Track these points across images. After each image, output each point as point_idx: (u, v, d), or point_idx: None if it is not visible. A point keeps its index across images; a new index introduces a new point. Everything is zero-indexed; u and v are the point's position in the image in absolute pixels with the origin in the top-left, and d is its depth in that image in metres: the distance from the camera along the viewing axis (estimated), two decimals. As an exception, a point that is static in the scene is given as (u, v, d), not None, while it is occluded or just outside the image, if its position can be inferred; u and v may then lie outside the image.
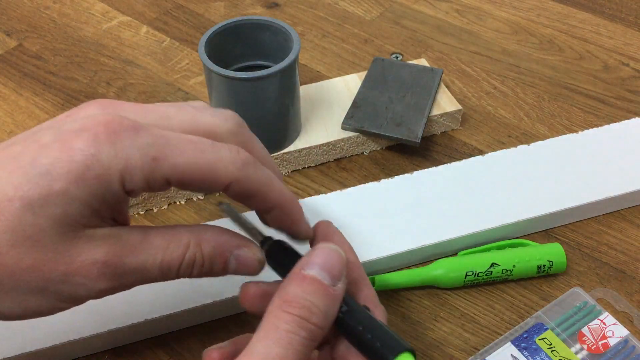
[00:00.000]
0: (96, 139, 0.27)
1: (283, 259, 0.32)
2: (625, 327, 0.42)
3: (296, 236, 0.34)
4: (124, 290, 0.30)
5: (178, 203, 0.51)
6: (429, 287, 0.45)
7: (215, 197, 0.52)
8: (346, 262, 0.30)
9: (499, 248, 0.46)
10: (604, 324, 0.42)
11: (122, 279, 0.29)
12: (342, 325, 0.30)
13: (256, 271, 0.33)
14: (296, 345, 0.28)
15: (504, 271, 0.44)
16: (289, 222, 0.33)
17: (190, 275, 0.31)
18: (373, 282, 0.44)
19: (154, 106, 0.31)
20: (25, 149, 0.28)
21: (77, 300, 0.29)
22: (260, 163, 0.31)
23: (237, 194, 0.31)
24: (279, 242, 0.33)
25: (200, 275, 0.31)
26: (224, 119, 0.32)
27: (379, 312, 0.32)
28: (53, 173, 0.27)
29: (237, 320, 0.44)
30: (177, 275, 0.31)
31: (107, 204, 0.28)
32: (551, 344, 0.41)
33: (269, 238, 0.33)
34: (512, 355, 0.41)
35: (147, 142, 0.28)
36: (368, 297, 0.33)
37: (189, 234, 0.31)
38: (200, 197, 0.52)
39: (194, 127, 0.31)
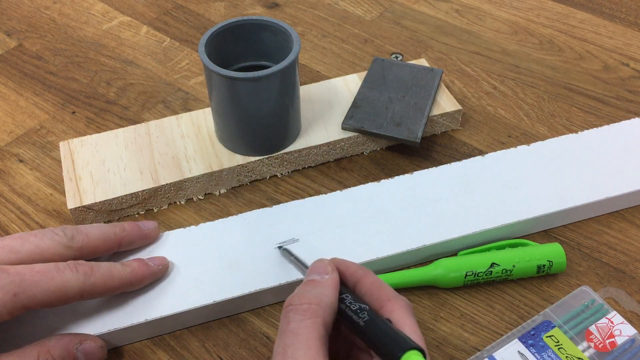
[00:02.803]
0: None
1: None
2: (633, 326, 0.42)
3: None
4: None
5: (178, 203, 0.51)
6: (429, 287, 0.45)
7: (215, 197, 0.52)
8: (329, 263, 0.36)
9: (499, 248, 0.46)
10: (612, 322, 0.42)
11: None
12: (354, 325, 0.33)
13: (102, 357, 0.40)
14: (304, 328, 0.32)
15: (504, 271, 0.44)
16: (139, 286, 0.42)
17: None
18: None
19: (1, 242, 0.38)
20: None
21: None
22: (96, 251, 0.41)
23: (90, 298, 0.39)
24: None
25: None
26: (59, 239, 0.39)
27: (398, 306, 0.34)
28: None
29: (237, 320, 0.44)
30: None
31: None
32: (558, 342, 0.41)
33: None
34: (519, 352, 0.41)
35: (7, 282, 0.35)
36: (372, 283, 0.36)
37: (37, 346, 0.37)
38: (200, 197, 0.52)
39: (38, 254, 0.38)
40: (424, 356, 0.30)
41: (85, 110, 0.59)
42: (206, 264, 0.44)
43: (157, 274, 0.43)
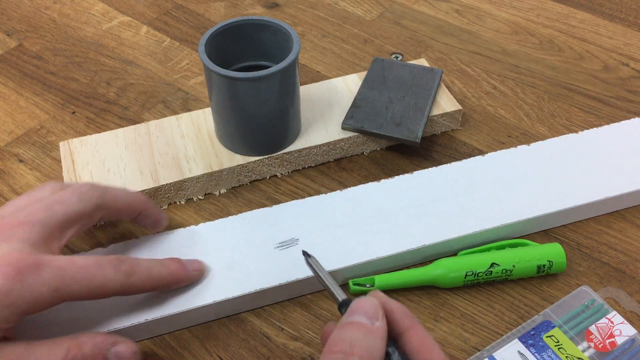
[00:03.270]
0: (7, 277, 0.34)
1: None
2: (633, 326, 0.42)
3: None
4: None
5: (178, 203, 0.51)
6: (429, 287, 0.45)
7: (215, 197, 0.52)
8: (380, 306, 0.34)
9: (499, 248, 0.46)
10: (612, 322, 0.42)
11: None
12: None
13: None
14: None
15: (504, 271, 0.44)
16: (175, 287, 0.43)
17: None
18: (373, 282, 0.44)
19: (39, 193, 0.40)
20: None
21: None
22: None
23: (127, 295, 0.39)
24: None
25: None
26: (83, 198, 0.40)
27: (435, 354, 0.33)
28: None
29: (237, 320, 0.44)
30: None
31: (6, 327, 0.34)
32: (558, 342, 0.41)
33: (348, 300, 0.36)
34: (519, 351, 0.41)
35: (50, 278, 0.35)
36: (422, 342, 0.34)
37: (68, 339, 0.37)
38: (200, 197, 0.52)
39: (68, 218, 0.39)
40: None
41: (85, 110, 0.59)
42: (206, 264, 0.44)
43: (193, 279, 0.43)
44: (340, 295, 0.37)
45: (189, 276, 0.43)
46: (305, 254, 0.41)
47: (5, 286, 0.33)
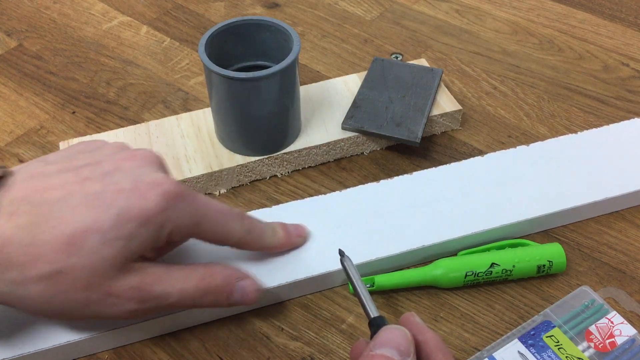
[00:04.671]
0: (166, 196, 0.35)
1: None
2: (633, 326, 0.42)
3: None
4: (150, 314, 0.37)
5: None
6: (429, 287, 0.45)
7: (215, 197, 0.52)
8: (412, 341, 0.33)
9: (499, 248, 0.46)
10: (612, 322, 0.42)
11: (147, 303, 0.36)
12: None
13: (255, 300, 0.40)
14: None
15: (504, 271, 0.44)
16: (278, 251, 0.44)
17: (202, 302, 0.38)
18: (373, 282, 0.44)
19: None
20: (104, 189, 0.35)
21: (109, 317, 0.36)
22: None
23: (237, 248, 0.42)
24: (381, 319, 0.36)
25: (211, 303, 0.39)
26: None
27: None
28: (128, 215, 0.34)
29: (237, 320, 0.44)
30: (193, 301, 0.38)
31: (152, 247, 0.36)
32: (558, 342, 0.41)
33: (379, 319, 0.36)
34: (519, 352, 0.41)
35: (195, 210, 0.37)
36: None
37: (203, 267, 0.39)
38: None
39: None
40: None
41: (85, 110, 0.59)
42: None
43: (296, 245, 0.45)
44: (372, 312, 0.36)
45: (292, 242, 0.44)
46: (340, 252, 0.41)
47: (163, 203, 0.35)
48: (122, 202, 0.34)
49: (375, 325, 0.35)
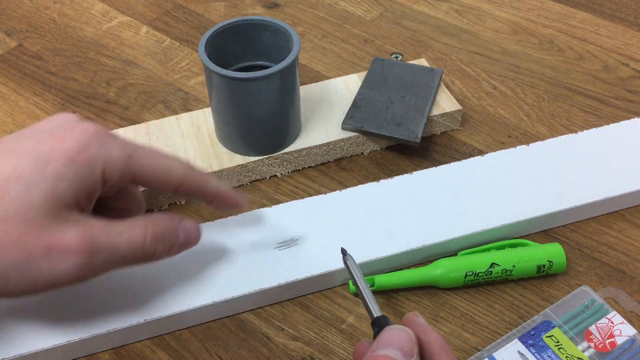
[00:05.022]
0: (86, 133, 0.34)
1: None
2: (633, 326, 0.42)
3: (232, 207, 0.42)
4: (97, 273, 0.34)
5: (178, 203, 0.51)
6: (429, 287, 0.45)
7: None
8: (416, 341, 0.32)
9: (499, 248, 0.46)
10: (612, 322, 0.42)
11: (96, 256, 0.33)
12: None
13: (198, 237, 0.39)
14: None
15: (504, 271, 0.44)
16: (221, 205, 0.41)
17: (155, 252, 0.36)
18: (373, 282, 0.44)
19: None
20: (21, 142, 0.33)
21: (53, 281, 0.33)
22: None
23: (184, 193, 0.39)
24: (384, 318, 0.36)
25: (163, 250, 0.37)
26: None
27: None
28: (48, 157, 0.32)
29: (237, 320, 0.44)
30: (144, 251, 0.36)
31: (86, 191, 0.34)
32: (558, 342, 0.41)
33: (381, 318, 0.35)
34: (519, 352, 0.41)
35: (125, 143, 0.35)
36: None
37: (144, 218, 0.37)
38: (200, 197, 0.52)
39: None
40: None
41: (85, 110, 0.59)
42: (206, 264, 0.44)
43: (237, 205, 0.42)
44: (375, 311, 0.36)
45: (235, 198, 0.41)
46: (343, 251, 0.40)
47: (84, 140, 0.33)
48: (41, 147, 0.33)
49: (378, 324, 0.35)
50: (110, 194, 0.38)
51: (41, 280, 0.32)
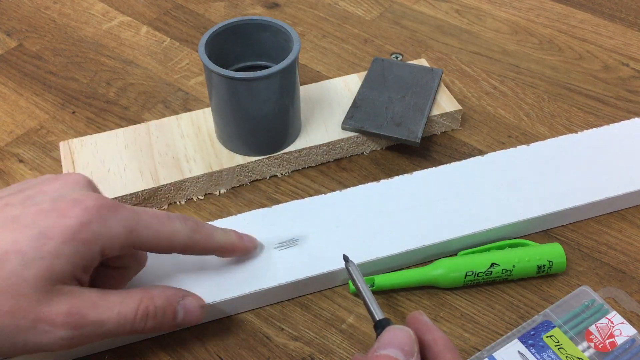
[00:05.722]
0: (88, 211, 0.34)
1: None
2: (633, 326, 0.42)
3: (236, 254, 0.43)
4: (84, 343, 0.35)
5: (178, 203, 0.51)
6: (429, 287, 0.45)
7: (215, 197, 0.52)
8: (416, 340, 0.32)
9: (499, 248, 0.46)
10: (612, 322, 0.42)
11: (82, 330, 0.34)
12: None
13: (200, 318, 0.39)
14: None
15: (504, 271, 0.44)
16: (229, 255, 0.43)
17: (144, 328, 0.36)
18: (373, 282, 0.44)
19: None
20: (24, 212, 0.34)
21: (41, 348, 0.34)
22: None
23: (189, 253, 0.39)
24: (386, 320, 0.36)
25: (154, 327, 0.37)
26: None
27: None
28: (49, 234, 0.33)
29: (237, 320, 0.44)
30: (132, 327, 0.36)
31: (83, 267, 0.34)
32: (558, 342, 0.41)
33: (384, 320, 0.35)
34: (519, 352, 0.41)
35: (126, 217, 0.35)
36: None
37: (141, 291, 0.37)
38: (200, 197, 0.52)
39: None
40: None
41: (85, 110, 0.59)
42: (206, 264, 0.44)
43: (248, 250, 0.44)
44: (378, 314, 0.36)
45: (244, 246, 0.43)
46: (345, 258, 0.41)
47: (85, 218, 0.33)
48: (42, 222, 0.33)
49: (381, 327, 0.35)
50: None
51: (29, 348, 0.33)
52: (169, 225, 0.37)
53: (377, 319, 0.36)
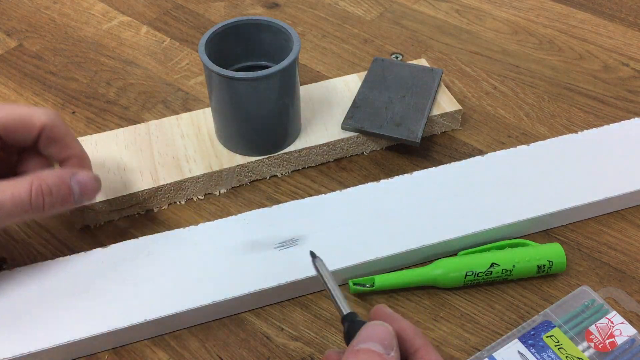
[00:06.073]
0: None
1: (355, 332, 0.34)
2: (633, 326, 0.42)
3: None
4: None
5: (178, 203, 0.51)
6: (429, 287, 0.45)
7: (215, 197, 0.52)
8: (395, 335, 0.32)
9: (499, 248, 0.46)
10: (612, 322, 0.42)
11: None
12: None
13: (97, 189, 0.40)
14: None
15: (504, 271, 0.44)
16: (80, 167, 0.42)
17: (43, 206, 0.37)
18: (373, 282, 0.44)
19: None
20: None
21: None
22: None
23: (48, 139, 0.39)
24: (353, 315, 0.35)
25: (53, 204, 0.38)
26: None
27: None
28: None
29: (237, 320, 0.44)
30: (31, 206, 0.37)
31: None
32: (558, 342, 0.41)
33: (351, 314, 0.35)
34: (519, 352, 0.41)
35: None
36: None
37: (32, 174, 0.38)
38: (200, 197, 0.52)
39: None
40: None
41: (85, 110, 0.59)
42: (206, 264, 0.44)
43: (91, 177, 0.42)
44: (344, 308, 0.36)
45: (90, 170, 0.43)
46: (312, 254, 0.40)
47: None
48: None
49: (348, 321, 0.35)
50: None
51: None
52: (24, 107, 0.39)
53: (344, 313, 0.36)
